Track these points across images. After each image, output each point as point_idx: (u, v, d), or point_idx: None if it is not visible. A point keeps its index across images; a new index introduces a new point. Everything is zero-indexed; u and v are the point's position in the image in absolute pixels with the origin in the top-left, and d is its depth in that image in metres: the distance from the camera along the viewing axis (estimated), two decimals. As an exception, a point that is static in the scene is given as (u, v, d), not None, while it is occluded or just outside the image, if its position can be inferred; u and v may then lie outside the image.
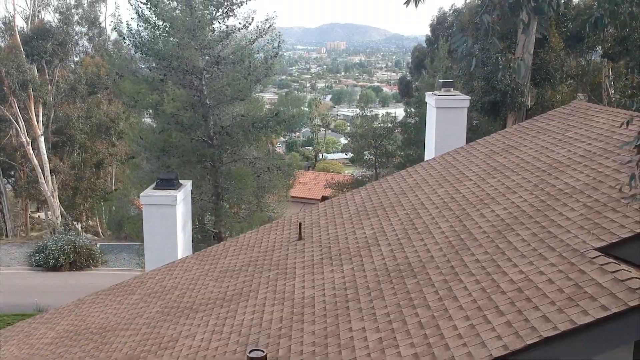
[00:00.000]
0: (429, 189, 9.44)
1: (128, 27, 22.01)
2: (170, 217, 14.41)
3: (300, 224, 9.92)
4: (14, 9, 36.08)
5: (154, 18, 21.67)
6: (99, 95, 44.42)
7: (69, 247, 31.69)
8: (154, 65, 21.93)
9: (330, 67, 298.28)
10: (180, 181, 15.78)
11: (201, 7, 21.45)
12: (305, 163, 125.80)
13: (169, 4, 21.14)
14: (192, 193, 23.07)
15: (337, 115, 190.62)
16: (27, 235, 48.25)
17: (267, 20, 22.80)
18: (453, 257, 6.75)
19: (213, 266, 10.12)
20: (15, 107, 35.05)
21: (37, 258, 31.78)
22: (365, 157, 40.25)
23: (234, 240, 11.27)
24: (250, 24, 23.60)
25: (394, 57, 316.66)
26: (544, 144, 9.18)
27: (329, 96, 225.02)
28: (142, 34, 21.49)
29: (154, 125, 21.53)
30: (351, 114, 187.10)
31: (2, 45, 39.31)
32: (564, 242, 5.99)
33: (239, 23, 22.90)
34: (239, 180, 21.91)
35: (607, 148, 7.95)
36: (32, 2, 40.02)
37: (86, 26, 41.24)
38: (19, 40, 35.12)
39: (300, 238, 9.57)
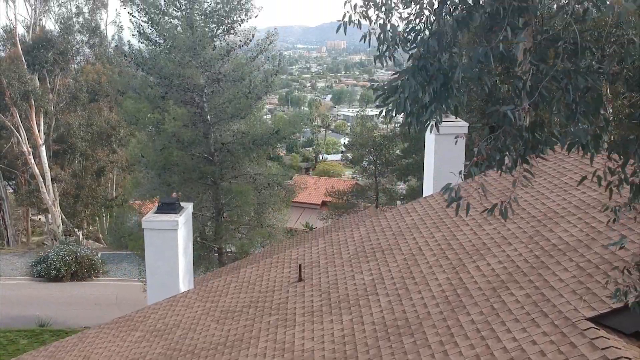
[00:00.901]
0: (427, 232, 9.61)
1: (129, 46, 22.19)
2: (171, 241, 14.62)
3: (300, 265, 10.07)
4: (15, 19, 36.10)
5: (155, 35, 21.85)
6: (99, 102, 44.55)
7: (70, 257, 31.86)
8: (155, 82, 22.08)
9: (330, 66, 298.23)
10: (182, 204, 16.02)
11: (202, 25, 21.60)
12: (305, 164, 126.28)
13: (170, 22, 21.30)
14: (192, 208, 23.28)
15: (337, 115, 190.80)
16: (29, 240, 48.51)
17: (267, 37, 22.95)
18: (449, 315, 6.92)
19: (214, 304, 10.29)
20: (16, 116, 35.23)
21: (38, 269, 31.95)
22: (365, 165, 40.37)
23: (235, 276, 11.43)
24: (250, 40, 23.79)
25: (395, 55, 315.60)
26: (540, 188, 9.34)
27: (329, 96, 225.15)
28: (143, 52, 21.64)
29: (155, 142, 21.66)
30: (351, 114, 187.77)
31: (3, 54, 39.47)
32: (556, 308, 6.16)
33: (240, 40, 23.07)
34: (239, 196, 22.09)
35: (601, 199, 8.11)
36: (33, 10, 40.14)
37: (87, 35, 41.37)
38: (20, 50, 35.26)
39: (300, 279, 9.74)
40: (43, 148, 36.95)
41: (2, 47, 40.47)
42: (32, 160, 36.34)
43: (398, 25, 4.47)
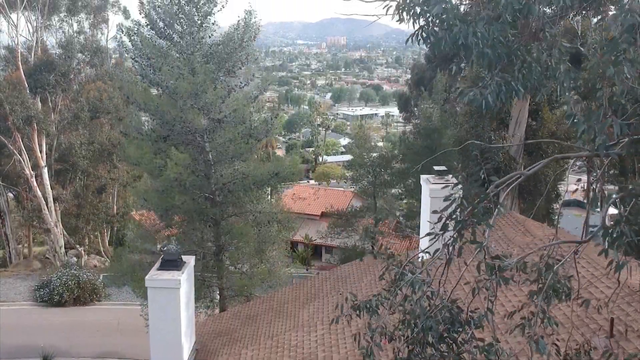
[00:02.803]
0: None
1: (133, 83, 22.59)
2: (174, 299, 15.12)
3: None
4: (18, 41, 36.37)
5: (157, 80, 22.18)
6: (101, 119, 44.90)
7: (72, 282, 32.37)
8: (157, 125, 22.45)
9: (330, 63, 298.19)
10: (183, 257, 16.48)
11: (204, 69, 21.91)
12: (305, 166, 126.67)
13: (171, 67, 21.62)
14: (193, 249, 23.71)
15: (337, 114, 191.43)
16: (30, 252, 49.01)
17: (267, 80, 23.32)
18: None
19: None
20: (19, 141, 35.63)
21: (41, 293, 32.45)
22: (364, 184, 40.75)
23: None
24: (250, 81, 24.18)
25: (395, 52, 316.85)
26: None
27: (329, 94, 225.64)
28: (146, 100, 21.98)
29: (157, 185, 22.07)
30: (351, 113, 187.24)
31: (4, 72, 39.77)
32: None
33: (240, 82, 23.44)
34: (240, 236, 22.53)
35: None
36: (35, 30, 40.42)
37: (89, 55, 41.68)
38: (22, 75, 35.57)
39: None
40: (45, 170, 37.36)
41: (3, 65, 40.76)
42: (35, 183, 36.74)
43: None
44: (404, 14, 4.75)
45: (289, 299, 19.26)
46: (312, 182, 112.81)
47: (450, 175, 16.88)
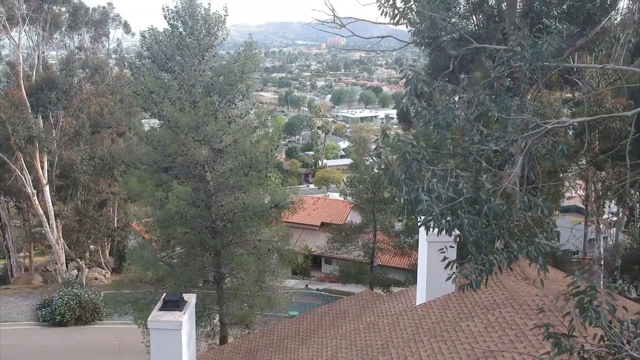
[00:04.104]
0: None
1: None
2: (176, 340, 15.42)
3: None
4: (20, 62, 36.62)
5: (159, 113, 22.44)
6: (102, 133, 45.15)
7: (74, 302, 32.63)
8: (159, 157, 22.69)
9: (330, 63, 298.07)
10: (184, 296, 16.78)
11: (205, 100, 22.14)
12: (305, 170, 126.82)
13: (172, 104, 21.87)
14: (194, 279, 23.98)
15: (337, 116, 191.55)
16: (32, 264, 49.27)
17: (267, 112, 23.57)
18: None
19: None
20: (20, 160, 35.90)
21: (43, 313, 32.72)
22: (364, 202, 40.96)
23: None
24: (250, 112, 24.46)
25: (395, 53, 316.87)
26: None
27: (329, 96, 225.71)
28: (149, 132, 22.25)
29: (159, 217, 22.33)
30: (351, 115, 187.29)
31: (6, 87, 39.98)
32: None
33: (241, 113, 23.70)
34: (240, 267, 22.82)
35: None
36: (36, 48, 40.65)
37: (90, 72, 41.94)
38: (24, 93, 35.82)
39: None
40: (47, 188, 37.63)
41: (5, 82, 40.98)
42: (37, 202, 37.01)
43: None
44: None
45: (289, 334, 19.56)
46: (311, 186, 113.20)
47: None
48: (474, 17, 18.30)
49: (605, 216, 29.40)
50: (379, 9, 9.28)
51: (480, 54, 17.68)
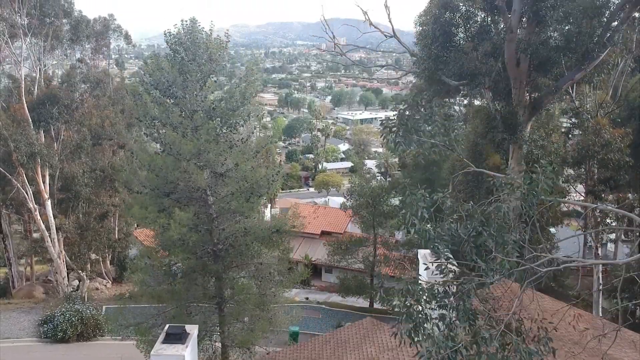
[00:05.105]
0: None
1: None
2: (179, 373, 15.60)
3: None
4: (22, 78, 36.77)
5: (162, 139, 22.61)
6: (103, 145, 45.32)
7: (76, 318, 32.79)
8: (160, 182, 22.86)
9: (330, 64, 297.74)
10: (186, 327, 17.00)
11: (206, 125, 22.28)
12: (304, 173, 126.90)
13: (175, 130, 22.02)
14: (196, 304, 24.15)
15: (337, 118, 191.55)
16: (33, 274, 49.40)
17: (267, 137, 23.74)
18: None
19: None
20: (23, 176, 36.08)
21: (45, 329, 32.87)
22: (364, 215, 41.14)
23: None
24: (252, 134, 24.63)
25: (394, 54, 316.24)
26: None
27: (329, 97, 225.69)
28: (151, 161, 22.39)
29: (161, 244, 22.51)
30: (351, 117, 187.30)
31: (8, 103, 40.14)
32: None
33: (242, 138, 23.87)
34: (241, 291, 23.02)
35: None
36: (38, 61, 40.80)
37: (91, 87, 42.12)
38: (26, 109, 35.93)
39: None
40: (49, 203, 37.79)
41: (7, 95, 41.14)
42: (38, 217, 37.18)
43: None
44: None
45: (290, 363, 19.76)
46: (311, 189, 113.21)
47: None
48: (474, 52, 18.46)
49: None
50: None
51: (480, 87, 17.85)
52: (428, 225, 5.96)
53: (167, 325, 16.89)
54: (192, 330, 16.92)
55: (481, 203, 5.91)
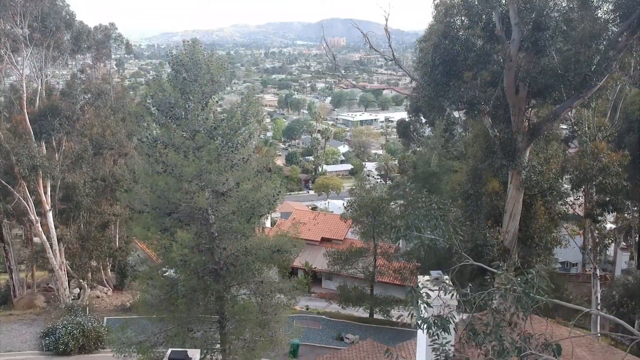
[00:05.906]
0: None
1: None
2: (181, 400, 15.78)
3: None
4: (24, 90, 36.94)
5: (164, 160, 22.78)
6: (104, 155, 45.48)
7: (77, 330, 32.99)
8: (162, 203, 23.04)
9: (330, 64, 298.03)
10: (188, 352, 17.19)
11: (207, 152, 22.45)
12: (305, 175, 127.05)
13: (177, 150, 22.19)
14: (197, 324, 24.34)
15: (337, 119, 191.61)
16: (33, 281, 49.56)
17: (267, 150, 23.89)
18: None
19: None
20: (24, 188, 36.26)
21: (47, 342, 33.07)
22: (364, 225, 41.31)
23: None
24: (253, 153, 24.81)
25: (394, 54, 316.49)
26: None
27: (329, 98, 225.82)
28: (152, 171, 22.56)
29: (163, 263, 22.72)
30: (351, 119, 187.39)
31: (9, 115, 40.29)
32: None
33: (243, 157, 24.04)
34: (242, 310, 23.21)
35: None
36: (39, 72, 40.96)
37: (92, 98, 42.28)
38: (27, 121, 36.10)
39: None
40: (50, 214, 37.98)
41: (9, 106, 41.29)
42: (40, 228, 37.37)
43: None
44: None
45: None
46: (311, 192, 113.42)
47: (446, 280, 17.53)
48: (474, 81, 18.66)
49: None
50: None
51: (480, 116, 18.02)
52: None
53: (170, 351, 17.06)
54: (195, 355, 17.11)
55: (481, 292, 6.10)
